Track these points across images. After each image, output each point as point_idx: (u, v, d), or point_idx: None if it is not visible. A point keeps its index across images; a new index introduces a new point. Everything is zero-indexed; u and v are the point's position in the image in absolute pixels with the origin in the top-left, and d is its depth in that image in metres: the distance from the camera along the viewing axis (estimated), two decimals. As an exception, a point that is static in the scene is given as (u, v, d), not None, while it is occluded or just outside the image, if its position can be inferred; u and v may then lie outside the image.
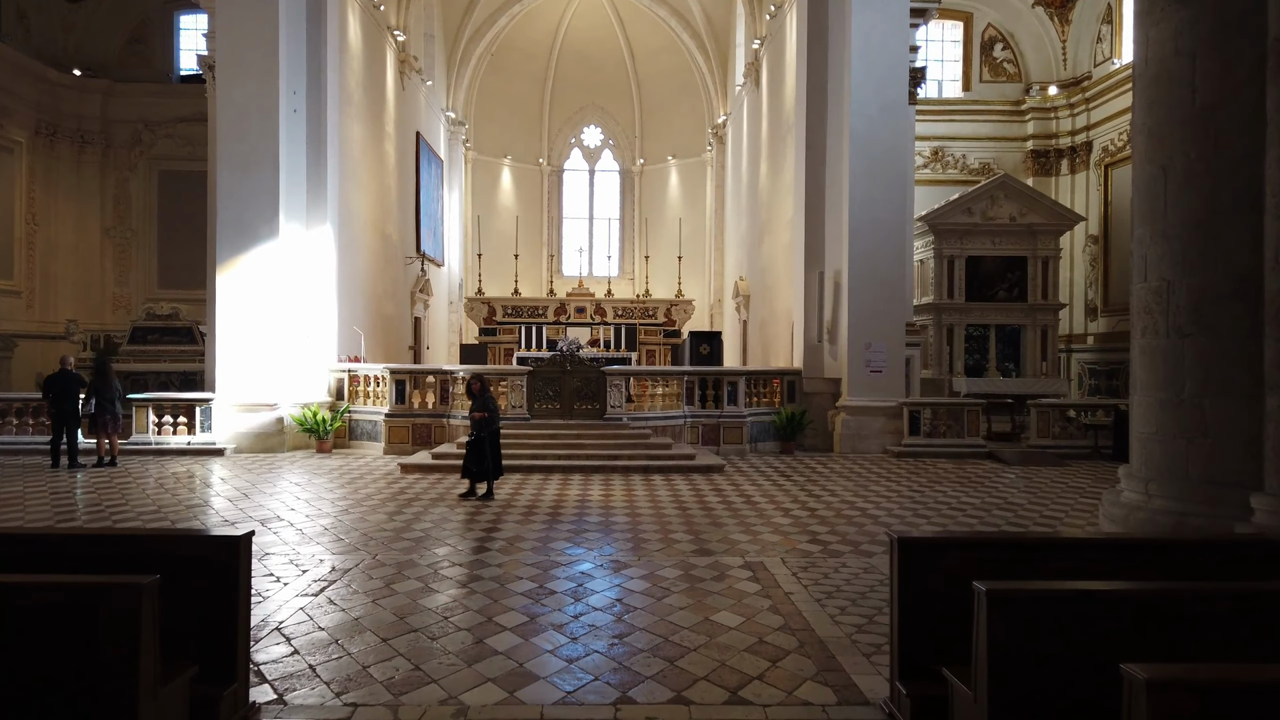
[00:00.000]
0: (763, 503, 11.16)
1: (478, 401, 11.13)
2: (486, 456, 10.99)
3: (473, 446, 10.99)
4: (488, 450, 10.97)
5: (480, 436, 10.94)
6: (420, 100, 26.60)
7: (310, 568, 7.58)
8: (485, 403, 11.11)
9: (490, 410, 11.09)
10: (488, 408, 11.07)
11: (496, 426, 11.23)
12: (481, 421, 10.94)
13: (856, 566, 7.79)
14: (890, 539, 4.57)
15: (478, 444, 10.94)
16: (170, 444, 15.47)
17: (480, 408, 11.06)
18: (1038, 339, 20.11)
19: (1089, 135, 23.03)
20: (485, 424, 10.95)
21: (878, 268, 16.52)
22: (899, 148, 16.75)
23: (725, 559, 8.03)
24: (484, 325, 25.18)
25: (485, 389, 11.33)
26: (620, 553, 8.27)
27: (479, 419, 10.96)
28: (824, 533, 9.30)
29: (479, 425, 10.97)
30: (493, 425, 11.07)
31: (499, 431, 11.37)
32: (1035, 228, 19.99)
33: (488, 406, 11.09)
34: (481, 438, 10.93)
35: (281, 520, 9.69)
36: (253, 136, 15.89)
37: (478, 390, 11.25)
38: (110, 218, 23.15)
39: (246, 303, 15.95)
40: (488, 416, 10.98)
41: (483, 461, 10.98)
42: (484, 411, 10.99)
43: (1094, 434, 16.24)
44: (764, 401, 17.15)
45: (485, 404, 11.10)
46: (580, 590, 6.89)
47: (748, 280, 26.54)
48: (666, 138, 35.79)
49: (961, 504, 11.19)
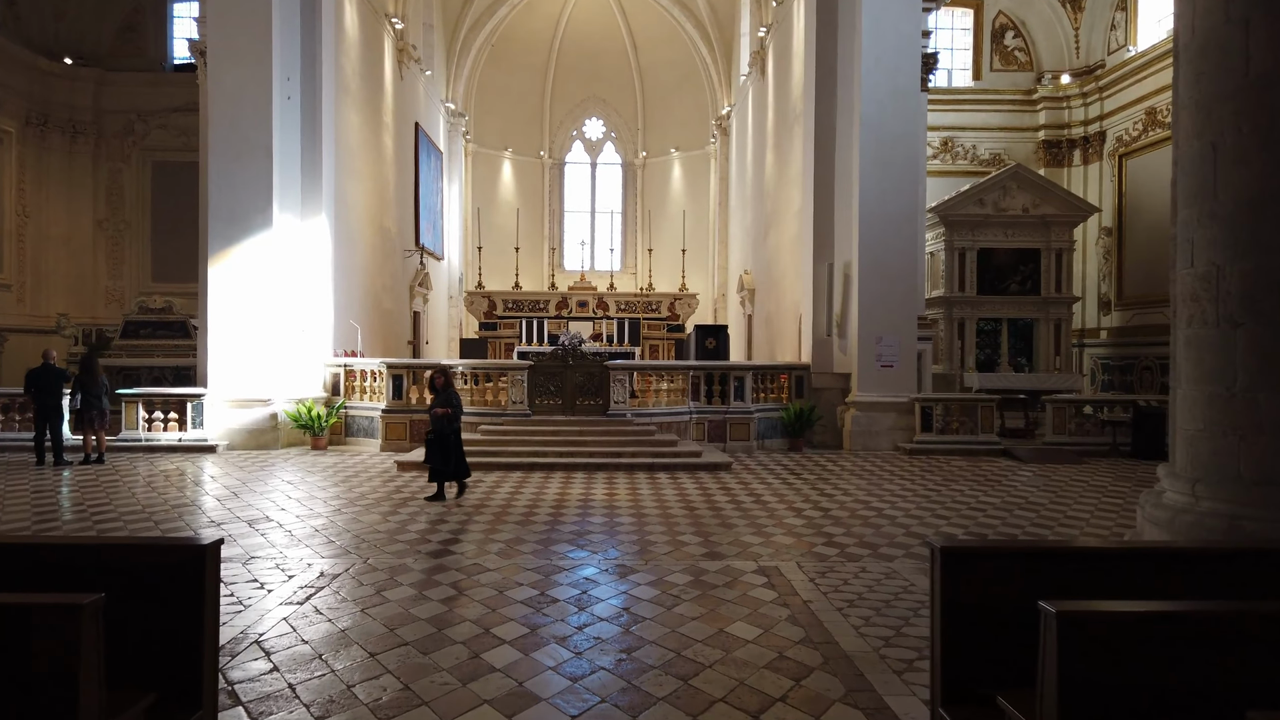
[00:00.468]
0: (773, 502, 10.71)
1: (440, 397, 10.55)
2: (450, 455, 10.39)
3: (434, 445, 10.39)
4: (452, 448, 10.39)
5: (443, 434, 10.34)
6: (419, 91, 26.12)
7: (297, 573, 7.13)
8: (448, 398, 10.53)
9: (454, 406, 10.52)
10: (451, 403, 10.49)
11: (459, 425, 10.62)
12: (444, 418, 10.34)
13: (877, 572, 7.33)
14: (930, 549, 4.10)
15: (440, 442, 10.34)
16: (161, 440, 15.03)
17: (443, 403, 10.47)
18: (1051, 333, 19.64)
19: (1102, 125, 22.52)
20: (448, 420, 10.36)
21: (889, 259, 16.05)
22: (911, 135, 16.26)
23: (737, 563, 7.58)
24: (484, 320, 24.72)
25: (449, 383, 10.75)
26: (626, 556, 7.82)
27: (441, 415, 10.36)
28: (839, 535, 8.84)
29: (440, 422, 10.35)
30: (455, 423, 10.48)
31: (460, 429, 10.73)
32: (1049, 219, 19.51)
33: (451, 402, 10.51)
34: (445, 435, 10.34)
35: (270, 521, 9.25)
36: (245, 124, 15.43)
37: (441, 385, 10.64)
38: (103, 210, 22.68)
39: (239, 295, 15.51)
40: (450, 413, 10.41)
41: (448, 461, 10.40)
42: (447, 407, 10.42)
43: (1112, 430, 15.77)
44: (771, 397, 16.68)
45: (448, 399, 10.52)
46: (584, 598, 6.44)
47: (753, 274, 26.07)
48: (669, 130, 35.30)
49: (981, 504, 10.73)
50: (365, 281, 20.67)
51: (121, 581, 3.76)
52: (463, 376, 15.36)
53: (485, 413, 14.99)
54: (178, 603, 3.80)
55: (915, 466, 14.10)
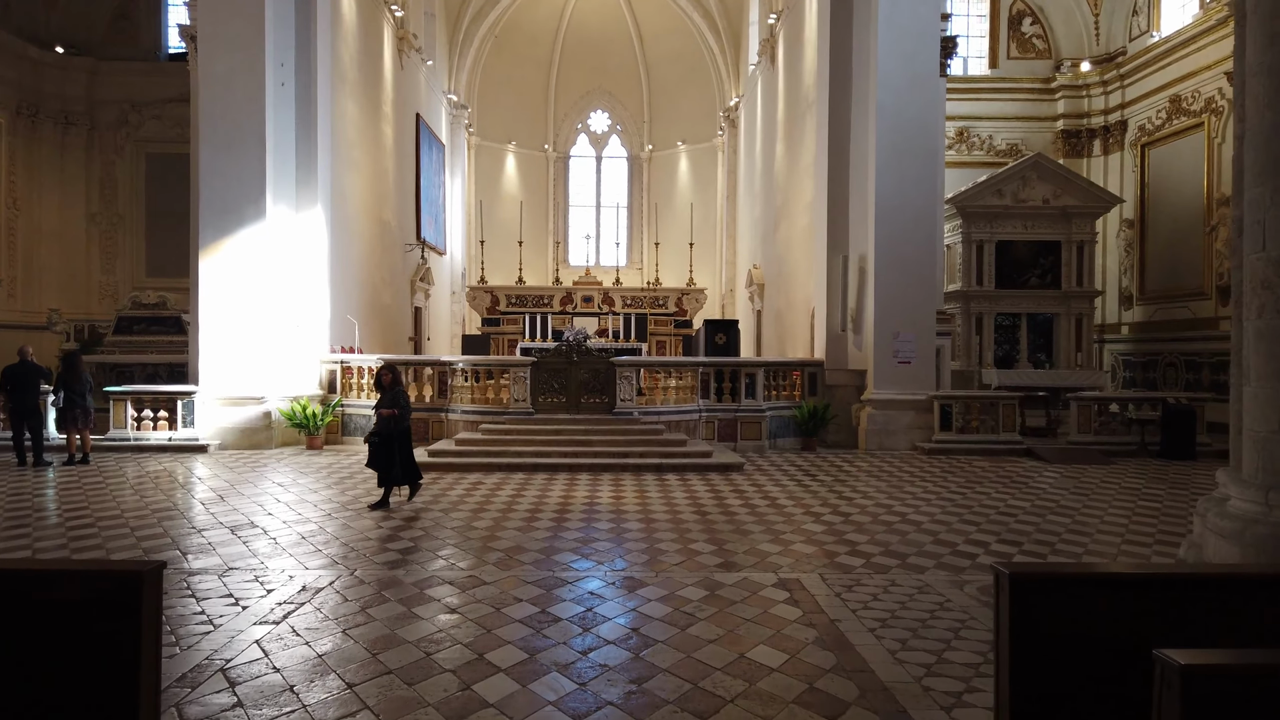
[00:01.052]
0: (789, 506, 10.10)
1: (387, 396, 9.80)
2: (396, 458, 9.64)
3: (380, 448, 9.64)
4: (397, 451, 9.64)
5: (388, 436, 9.61)
6: (420, 81, 25.53)
7: (277, 586, 6.56)
8: (396, 397, 9.78)
9: (401, 406, 9.78)
10: (398, 403, 9.75)
11: (407, 425, 9.88)
12: (390, 419, 9.62)
13: (908, 585, 6.73)
14: (997, 575, 3.50)
15: (386, 444, 9.60)
16: (150, 440, 14.49)
17: (390, 403, 9.73)
18: (1072, 328, 18.97)
19: (1123, 114, 21.82)
20: (395, 421, 9.64)
21: (906, 251, 15.42)
22: (929, 122, 15.61)
23: (755, 575, 6.98)
24: (487, 315, 24.14)
25: (397, 381, 9.99)
26: (635, 567, 7.23)
27: (387, 416, 9.63)
28: (863, 542, 8.23)
29: (386, 423, 9.61)
30: (403, 423, 9.75)
31: (410, 431, 10.02)
32: (1070, 210, 18.83)
33: (398, 401, 9.77)
34: (390, 437, 9.61)
35: (255, 527, 8.67)
36: (237, 112, 14.86)
37: (388, 382, 9.86)
38: (96, 203, 22.12)
39: (231, 289, 14.95)
40: (398, 413, 9.69)
41: (392, 464, 9.63)
42: (394, 407, 9.69)
43: (1140, 429, 15.12)
44: (783, 395, 16.07)
45: (396, 398, 9.77)
46: (589, 617, 5.84)
47: (762, 268, 25.44)
48: (676, 122, 34.66)
49: (1010, 508, 10.11)
50: (364, 276, 20.10)
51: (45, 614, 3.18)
52: (463, 373, 14.78)
53: (486, 411, 14.41)
54: (110, 638, 3.21)
55: (936, 467, 13.48)
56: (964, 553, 7.84)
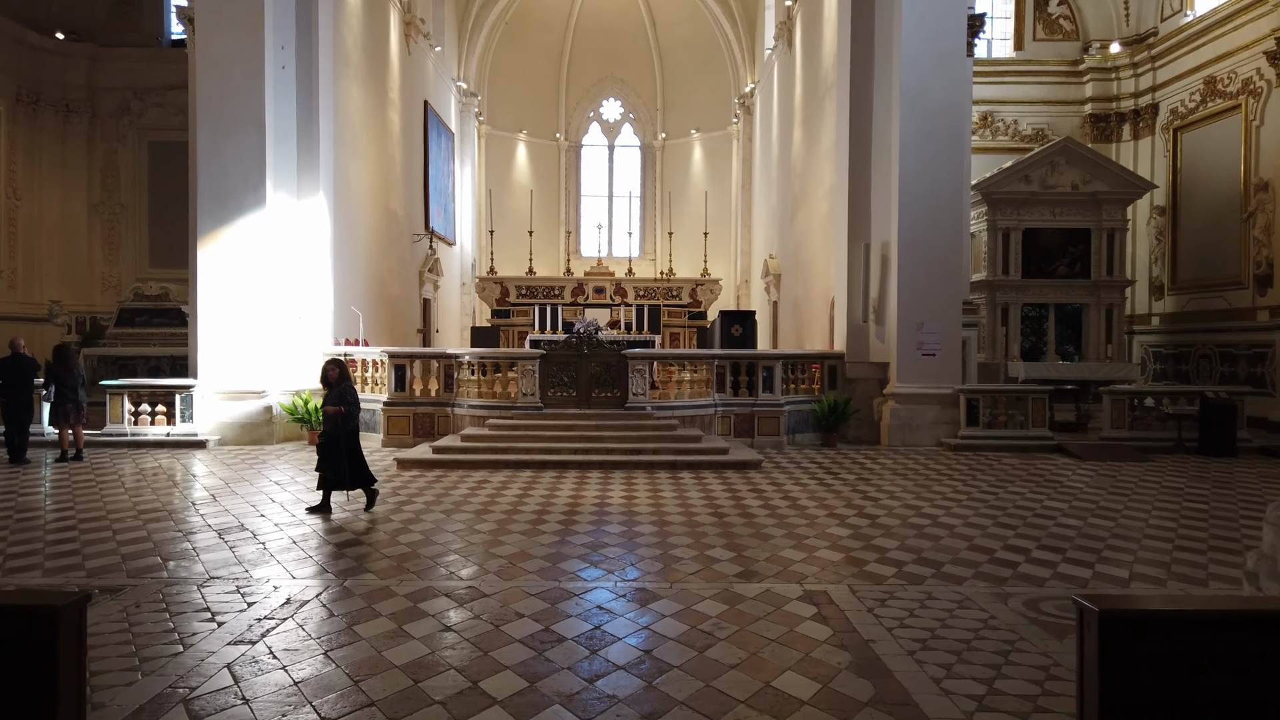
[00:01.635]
0: (811, 507, 9.52)
1: (333, 392, 9.13)
2: (343, 460, 8.97)
3: (326, 449, 8.99)
4: (345, 453, 9.00)
5: (335, 436, 8.95)
6: (428, 67, 24.98)
7: (260, 598, 6.04)
8: (343, 394, 9.11)
9: (349, 403, 9.12)
10: (345, 400, 9.08)
11: (356, 424, 9.25)
12: (338, 417, 8.98)
13: (946, 599, 6.14)
14: (1081, 610, 2.93)
15: (332, 444, 8.94)
16: (148, 435, 14.05)
17: (336, 400, 9.05)
18: (1102, 319, 18.25)
19: (1154, 97, 21.03)
20: (343, 420, 8.99)
21: (931, 238, 14.77)
22: (955, 104, 14.93)
23: (778, 586, 6.42)
24: (496, 307, 23.62)
25: (345, 377, 9.33)
26: (647, 576, 6.67)
27: (333, 414, 8.99)
28: (893, 548, 7.65)
29: (334, 421, 8.99)
30: (351, 422, 9.12)
31: (358, 431, 9.36)
32: (1100, 196, 18.10)
33: (345, 399, 9.09)
34: (337, 437, 8.94)
35: (244, 530, 8.17)
36: (236, 95, 14.37)
37: (335, 378, 9.16)
38: (98, 192, 21.69)
39: (230, 279, 14.48)
40: (346, 411, 9.03)
41: (339, 466, 8.96)
42: (340, 405, 9.01)
43: (1177, 425, 14.44)
44: (802, 388, 15.47)
45: (343, 395, 9.10)
46: (597, 636, 5.29)
47: (778, 258, 24.81)
48: (690, 110, 33.98)
49: (1047, 510, 9.49)
50: (369, 266, 19.61)
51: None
52: (469, 366, 14.25)
53: (493, 406, 13.88)
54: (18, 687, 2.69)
55: (963, 465, 12.86)
56: (1003, 560, 7.25)
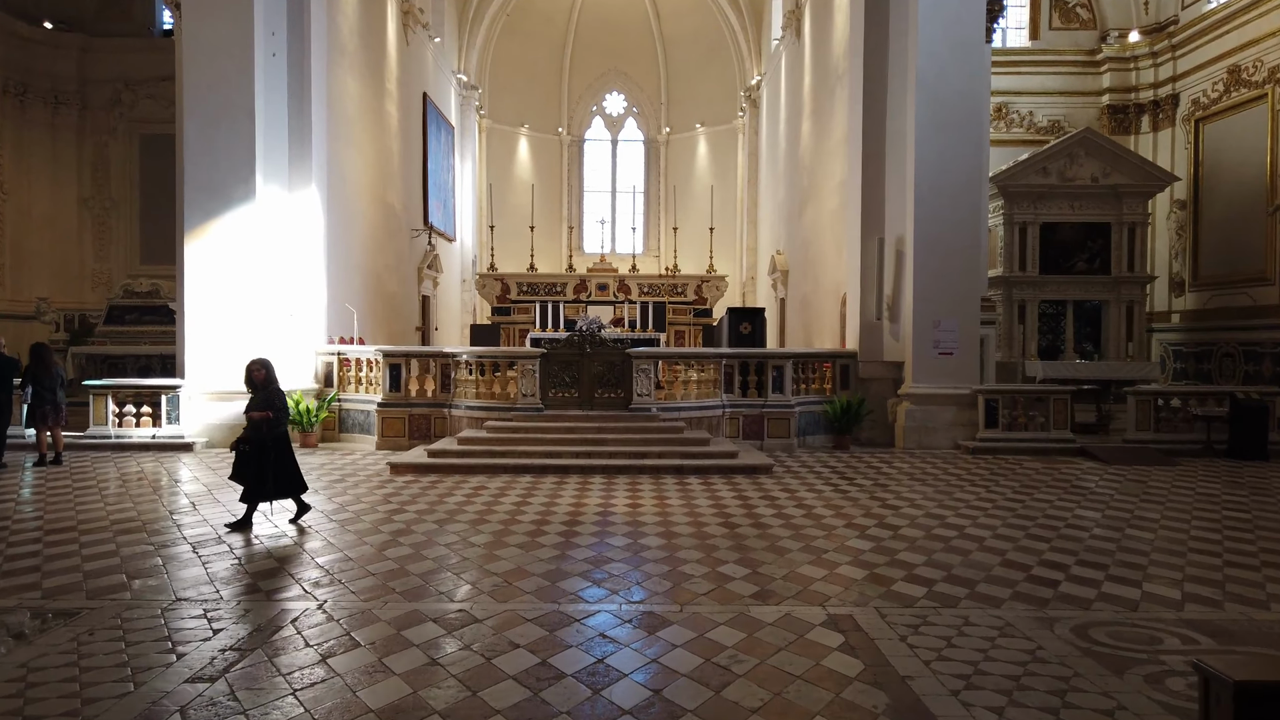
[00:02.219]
0: (827, 516, 8.94)
1: (259, 395, 8.32)
2: (268, 470, 8.14)
3: (249, 457, 8.15)
4: (270, 463, 8.16)
5: (261, 443, 8.15)
6: (428, 59, 24.40)
7: (228, 623, 5.48)
8: (269, 398, 8.29)
9: (276, 408, 8.30)
10: (272, 404, 8.27)
11: (284, 429, 8.47)
12: (264, 424, 8.18)
13: (986, 625, 5.56)
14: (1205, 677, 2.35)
15: (258, 452, 8.13)
16: (132, 438, 13.50)
17: (262, 404, 8.25)
18: (1122, 317, 17.65)
19: (1174, 87, 20.39)
20: (269, 425, 8.21)
21: (948, 232, 14.18)
22: (973, 93, 14.32)
23: (799, 610, 5.84)
24: (497, 304, 23.05)
25: (270, 378, 8.43)
26: (655, 598, 6.10)
27: (258, 419, 8.18)
28: (920, 564, 7.07)
29: (258, 427, 8.19)
30: (279, 427, 8.34)
31: (288, 436, 8.56)
32: (1120, 189, 17.50)
33: (272, 403, 8.28)
34: (263, 444, 8.15)
35: (221, 544, 7.61)
36: (224, 84, 13.81)
37: (260, 380, 8.35)
38: (88, 186, 21.12)
39: (219, 275, 13.93)
40: (272, 416, 8.23)
41: (263, 478, 8.13)
42: (266, 409, 8.22)
43: (1205, 426, 13.83)
44: (813, 389, 14.89)
45: (269, 400, 8.28)
46: (600, 672, 4.72)
47: (786, 254, 24.21)
48: (694, 104, 33.39)
49: (1079, 519, 8.90)
50: (365, 262, 19.04)
51: None
52: (467, 366, 13.68)
53: (492, 407, 13.32)
54: None
55: (983, 469, 12.27)
56: (1041, 579, 6.66)
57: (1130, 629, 5.53)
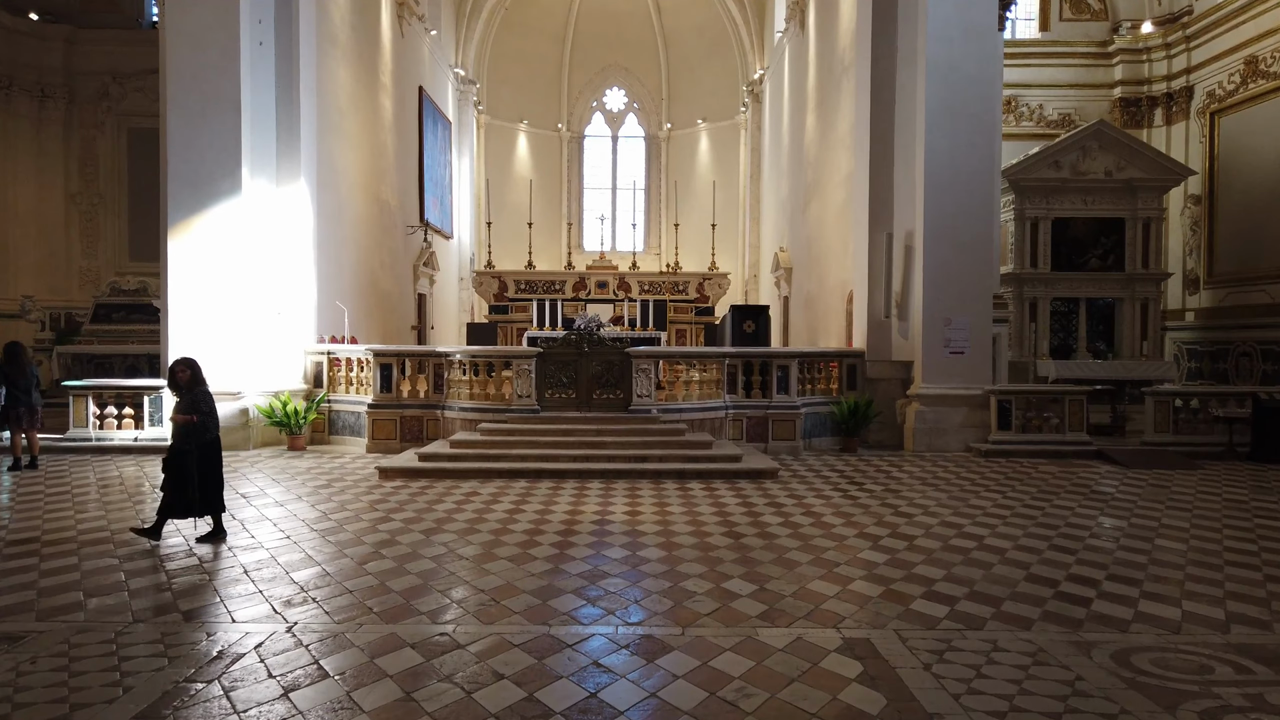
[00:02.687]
0: (838, 525, 8.45)
1: (185, 398, 7.55)
2: (192, 480, 7.41)
3: (173, 464, 7.43)
4: (191, 474, 7.43)
5: (185, 450, 7.44)
6: (424, 52, 23.90)
7: (186, 649, 5.01)
8: (195, 401, 7.52)
9: (204, 412, 7.54)
10: (198, 408, 7.50)
11: (214, 436, 7.67)
12: (189, 429, 7.47)
13: (1017, 651, 5.07)
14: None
15: (180, 461, 7.42)
16: (113, 440, 13.02)
17: (188, 407, 7.49)
18: (1136, 314, 17.14)
19: (1189, 79, 19.87)
20: (195, 432, 7.49)
21: (959, 227, 13.69)
22: (986, 80, 13.82)
23: (812, 633, 5.35)
24: (494, 302, 22.55)
25: (197, 380, 7.67)
26: (655, 619, 5.61)
27: (184, 424, 7.48)
28: (939, 579, 6.57)
29: (184, 433, 7.48)
30: (208, 434, 7.58)
31: (219, 443, 7.76)
32: (1135, 183, 16.99)
33: (198, 406, 7.51)
34: (186, 452, 7.43)
35: (192, 555, 7.13)
36: (209, 73, 13.32)
37: (186, 381, 7.59)
38: (75, 182, 20.61)
39: (204, 272, 13.45)
40: (199, 421, 7.50)
41: (186, 488, 7.39)
42: (192, 413, 7.48)
43: (1227, 428, 13.33)
44: (819, 389, 14.39)
45: (195, 403, 7.51)
46: (593, 708, 4.24)
47: (789, 251, 23.71)
48: (696, 100, 32.90)
49: (1103, 529, 8.40)
50: (358, 259, 18.55)
51: None
52: (460, 366, 13.19)
53: (486, 408, 12.83)
54: None
55: (998, 473, 11.77)
56: (1071, 595, 6.17)
57: (1176, 655, 5.04)
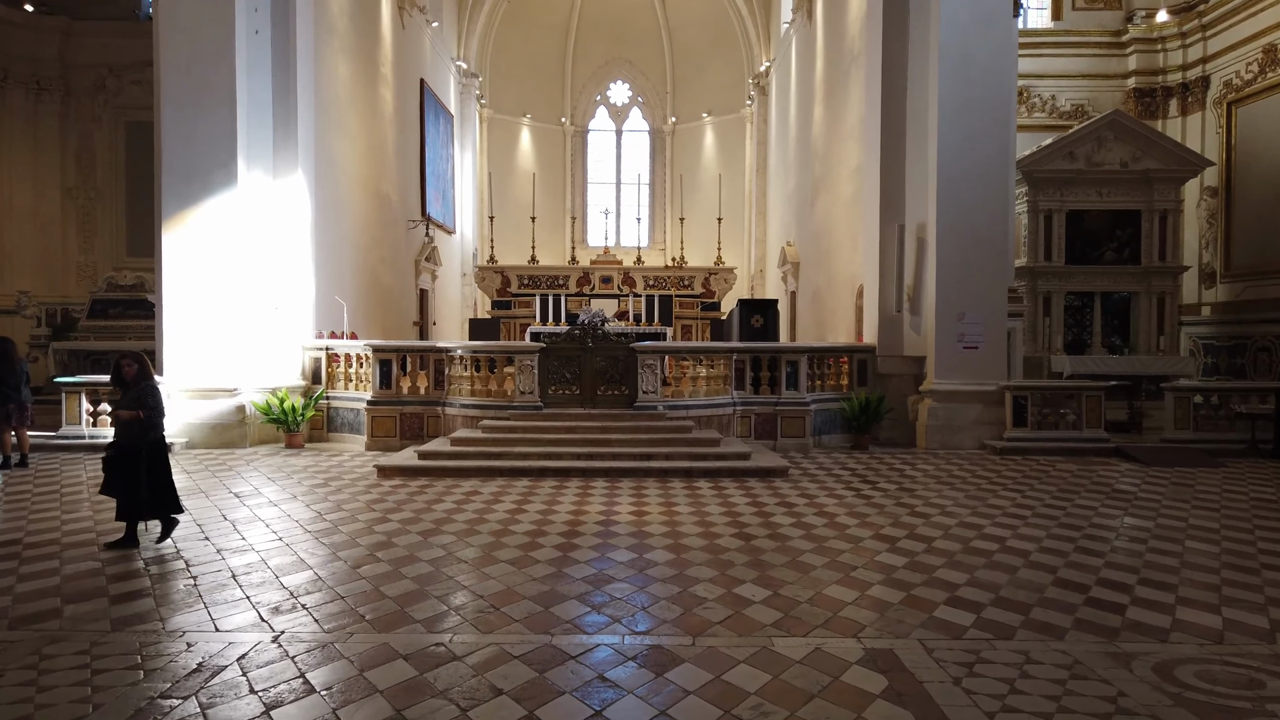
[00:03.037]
0: (852, 526, 8.11)
1: (130, 394, 7.12)
2: (140, 481, 6.98)
3: (117, 465, 7.01)
4: (142, 473, 7.00)
5: (133, 448, 7.02)
6: (425, 43, 23.58)
7: (163, 663, 4.70)
8: (141, 396, 7.09)
9: (150, 407, 7.09)
10: (144, 403, 7.06)
11: (160, 435, 7.28)
12: (134, 425, 7.02)
13: (1051, 664, 4.73)
14: None
15: (128, 460, 6.99)
16: (107, 438, 12.49)
17: (133, 403, 7.06)
18: (1152, 309, 16.73)
19: (1205, 69, 19.45)
20: (140, 429, 7.05)
21: (973, 219, 13.34)
22: (1000, 69, 13.46)
23: (831, 643, 5.02)
24: (497, 298, 22.22)
25: (145, 374, 7.22)
26: (664, 627, 5.28)
27: (127, 420, 7.02)
28: (962, 584, 6.24)
29: (129, 431, 7.03)
30: (154, 431, 7.16)
31: (164, 442, 7.39)
32: (1151, 175, 16.58)
33: (144, 401, 7.07)
34: (135, 450, 7.01)
35: (179, 559, 6.82)
36: (204, 63, 13.00)
37: (131, 375, 7.15)
38: (72, 176, 20.33)
39: (199, 266, 13.15)
40: (146, 418, 7.05)
41: (135, 488, 6.96)
42: (137, 409, 7.03)
43: (1250, 425, 12.96)
44: (829, 385, 14.05)
45: (141, 398, 7.08)
46: (598, 730, 3.91)
47: (796, 245, 23.35)
48: (701, 93, 32.52)
49: (1130, 530, 8.05)
50: (358, 254, 18.24)
51: None
52: (461, 361, 12.87)
53: (488, 405, 12.51)
54: None
55: (1014, 471, 11.42)
56: (1103, 602, 5.83)
57: (1222, 668, 4.71)
